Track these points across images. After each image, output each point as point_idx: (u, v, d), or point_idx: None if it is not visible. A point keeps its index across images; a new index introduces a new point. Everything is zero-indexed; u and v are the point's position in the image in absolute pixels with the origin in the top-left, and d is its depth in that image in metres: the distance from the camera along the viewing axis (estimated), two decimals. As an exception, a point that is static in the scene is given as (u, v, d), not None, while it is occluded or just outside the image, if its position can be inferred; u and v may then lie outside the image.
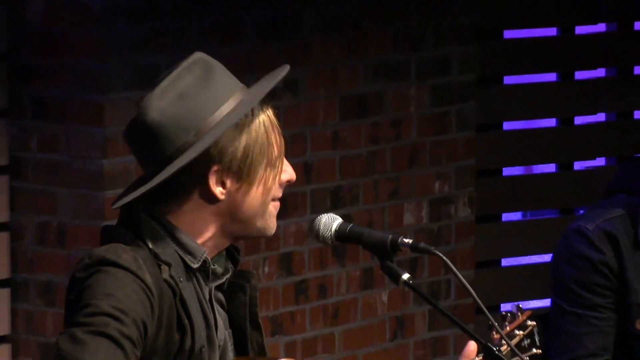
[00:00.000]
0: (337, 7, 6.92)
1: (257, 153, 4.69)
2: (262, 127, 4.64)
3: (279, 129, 4.56)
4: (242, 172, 4.72)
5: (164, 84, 4.58)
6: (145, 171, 4.60)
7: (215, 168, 4.59)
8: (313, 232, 4.76)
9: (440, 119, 7.13)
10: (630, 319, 5.86)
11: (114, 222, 5.22)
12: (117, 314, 4.60)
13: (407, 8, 7.21)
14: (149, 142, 4.73)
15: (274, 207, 4.76)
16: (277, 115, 4.54)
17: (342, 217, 4.60)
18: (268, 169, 4.70)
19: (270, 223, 4.75)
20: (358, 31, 6.94)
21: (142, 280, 4.63)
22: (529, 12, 8.09)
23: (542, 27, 8.15)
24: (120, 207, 4.65)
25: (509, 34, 7.84)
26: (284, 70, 4.52)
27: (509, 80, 7.61)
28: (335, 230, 4.74)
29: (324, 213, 4.57)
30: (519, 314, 4.90)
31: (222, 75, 4.67)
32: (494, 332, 4.79)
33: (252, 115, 4.63)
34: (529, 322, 4.98)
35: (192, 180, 4.67)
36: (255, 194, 4.77)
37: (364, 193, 6.83)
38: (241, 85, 4.54)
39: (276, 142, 4.62)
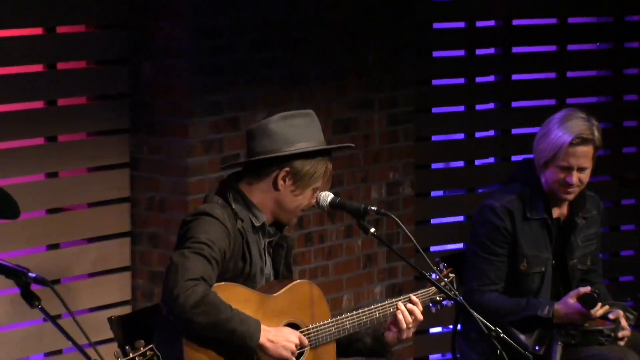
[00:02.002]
0: (330, 66, 6.95)
1: (311, 179, 5.28)
2: (322, 169, 5.28)
3: (329, 177, 5.31)
4: (298, 182, 5.28)
5: (285, 115, 5.30)
6: (243, 161, 5.40)
7: (287, 169, 5.08)
8: (316, 203, 5.32)
9: (393, 134, 7.31)
10: (517, 263, 6.19)
11: (202, 195, 5.84)
12: (209, 244, 5.12)
13: (374, 66, 7.13)
14: (256, 141, 5.31)
15: (299, 214, 5.42)
16: (331, 169, 5.29)
17: (333, 194, 5.33)
18: (310, 192, 5.28)
19: (293, 221, 5.48)
20: (343, 81, 7.04)
21: (225, 227, 5.18)
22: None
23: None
24: (219, 181, 5.41)
25: (436, 82, 7.70)
26: (345, 145, 5.59)
27: (435, 110, 7.65)
28: (329, 201, 5.35)
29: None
30: (444, 268, 5.48)
31: (312, 127, 5.35)
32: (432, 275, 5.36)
33: (322, 156, 5.28)
34: (451, 275, 5.49)
35: (271, 170, 5.25)
36: (297, 199, 5.30)
37: (347, 179, 7.05)
38: (320, 138, 5.30)
39: (322, 182, 5.31)
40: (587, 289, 5.91)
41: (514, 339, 5.69)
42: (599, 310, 5.87)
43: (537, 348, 5.83)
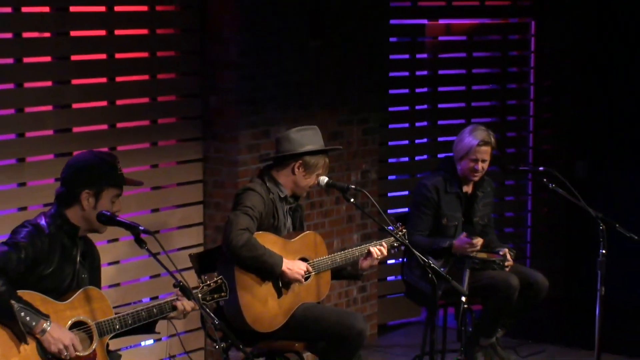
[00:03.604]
0: (326, 99, 6.80)
1: (315, 168, 5.30)
2: (322, 162, 5.31)
3: (326, 167, 5.27)
4: (307, 170, 5.31)
5: (299, 128, 5.29)
6: (273, 156, 5.33)
7: (300, 162, 5.14)
8: (317, 183, 5.35)
9: (365, 141, 7.16)
10: (441, 219, 6.10)
11: (246, 179, 5.98)
12: (252, 207, 5.16)
13: (354, 99, 6.99)
14: (281, 144, 5.30)
15: (307, 190, 5.39)
16: (328, 162, 5.27)
17: (328, 177, 5.34)
18: (314, 176, 5.29)
19: (304, 194, 5.42)
20: (334, 108, 6.86)
21: (262, 197, 5.22)
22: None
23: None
24: (258, 170, 5.41)
25: (391, 109, 7.51)
26: (335, 148, 5.57)
27: (390, 127, 7.51)
28: (325, 182, 5.35)
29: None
30: (400, 225, 5.43)
31: (317, 135, 5.33)
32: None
33: (322, 155, 5.26)
34: (403, 230, 5.42)
35: (290, 163, 5.30)
36: (306, 181, 5.32)
37: (336, 168, 6.85)
38: (321, 143, 5.30)
39: (322, 170, 5.29)
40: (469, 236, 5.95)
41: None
42: (479, 240, 5.87)
43: (442, 269, 5.86)
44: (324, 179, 5.31)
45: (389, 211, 7.33)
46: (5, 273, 3.88)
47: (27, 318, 3.89)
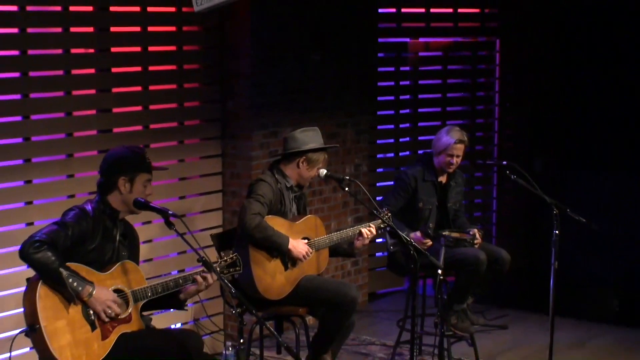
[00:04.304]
0: (325, 104, 6.75)
1: (316, 162, 5.25)
2: (322, 157, 5.26)
3: (326, 162, 5.22)
4: (310, 164, 5.26)
5: (303, 129, 5.23)
6: (281, 153, 5.26)
7: (304, 158, 5.10)
8: (318, 175, 5.30)
9: (358, 140, 7.10)
10: (417, 203, 6.00)
11: (258, 171, 5.99)
12: (263, 195, 5.12)
13: (349, 105, 6.96)
14: (288, 143, 5.23)
15: (310, 181, 5.29)
16: (327, 157, 5.21)
17: (327, 170, 5.29)
18: (316, 169, 5.24)
19: (307, 184, 5.32)
20: (332, 112, 6.82)
21: (271, 186, 5.18)
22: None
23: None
24: (269, 164, 5.37)
25: (380, 113, 7.43)
26: (332, 145, 5.46)
27: (379, 128, 7.41)
28: (324, 174, 5.31)
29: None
30: (385, 209, 5.34)
31: (318, 135, 5.28)
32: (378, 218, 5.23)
33: (322, 151, 5.20)
34: (389, 214, 5.35)
35: (295, 158, 5.25)
36: (309, 173, 5.28)
37: (333, 163, 6.76)
38: (321, 141, 5.23)
39: (322, 164, 5.21)
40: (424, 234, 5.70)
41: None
42: (429, 242, 5.67)
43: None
44: (323, 172, 5.26)
45: (377, 198, 7.14)
46: (55, 247, 3.90)
47: (75, 284, 3.91)
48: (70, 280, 3.90)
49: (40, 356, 3.94)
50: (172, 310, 4.52)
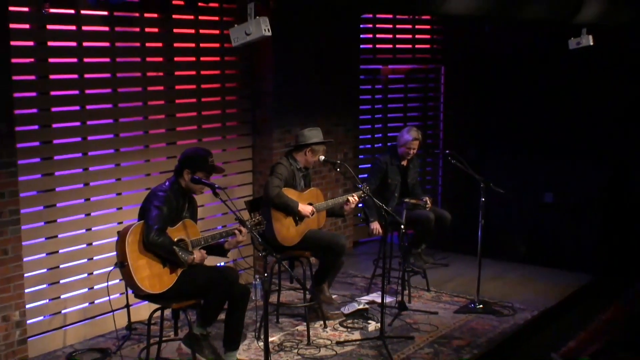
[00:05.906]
0: (324, 110, 6.55)
1: (318, 152, 5.17)
2: (322, 148, 5.16)
3: (325, 151, 5.09)
4: (314, 153, 5.18)
5: (310, 128, 5.11)
6: (293, 145, 5.11)
7: (309, 149, 5.09)
8: (319, 160, 5.22)
9: (345, 136, 6.87)
10: (387, 180, 5.87)
11: (277, 157, 5.69)
12: (281, 173, 5.08)
13: (340, 110, 6.78)
14: (298, 138, 5.13)
15: (313, 164, 5.13)
16: (325, 148, 5.07)
17: (325, 156, 5.21)
18: (317, 157, 5.13)
19: (311, 167, 5.15)
20: (328, 116, 6.62)
21: (287, 168, 5.16)
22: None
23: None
24: (284, 153, 5.20)
25: (361, 117, 7.18)
26: (327, 139, 5.22)
27: (361, 127, 7.17)
28: (323, 159, 5.26)
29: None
30: (364, 190, 5.02)
31: (319, 133, 5.15)
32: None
33: (322, 144, 5.10)
34: (367, 187, 5.07)
35: (303, 148, 5.19)
36: (313, 159, 5.17)
37: (329, 152, 6.23)
38: (322, 137, 5.11)
39: (322, 153, 5.10)
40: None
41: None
42: (378, 229, 5.55)
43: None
44: (322, 158, 5.17)
45: (360, 176, 7.06)
46: (164, 230, 4.06)
47: (183, 256, 4.09)
48: (180, 253, 4.06)
49: (127, 284, 4.08)
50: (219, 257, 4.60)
